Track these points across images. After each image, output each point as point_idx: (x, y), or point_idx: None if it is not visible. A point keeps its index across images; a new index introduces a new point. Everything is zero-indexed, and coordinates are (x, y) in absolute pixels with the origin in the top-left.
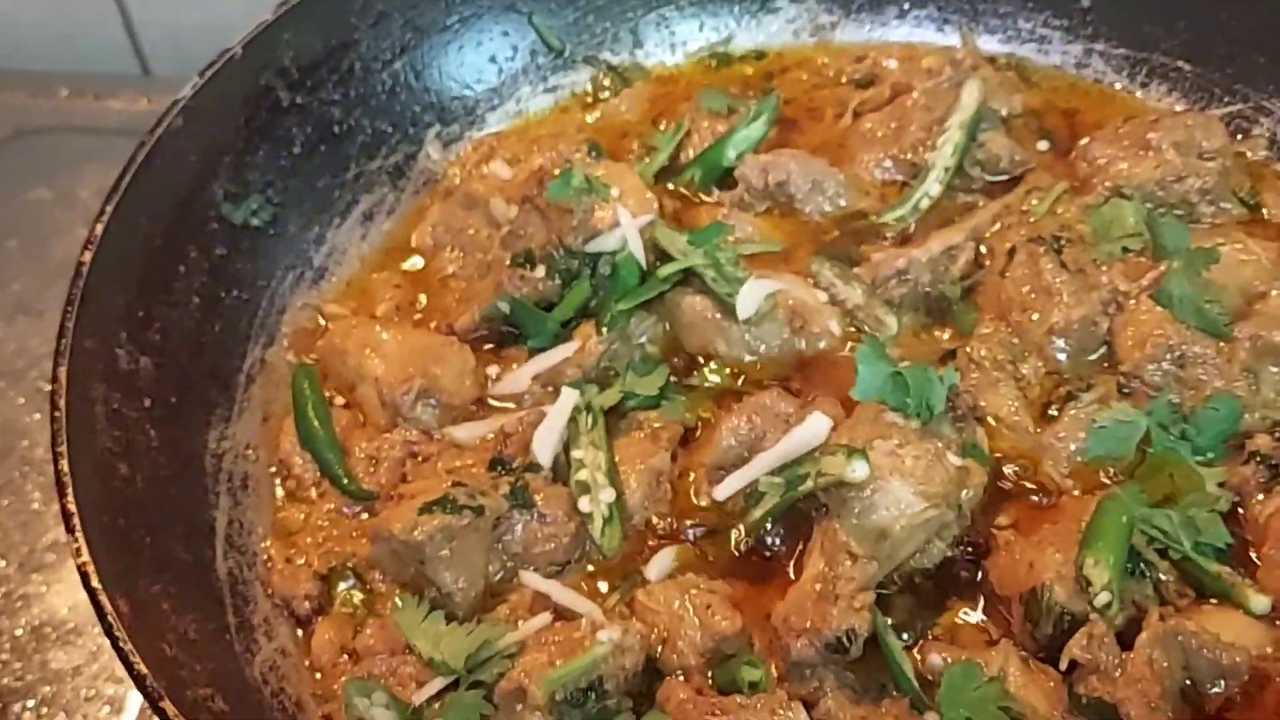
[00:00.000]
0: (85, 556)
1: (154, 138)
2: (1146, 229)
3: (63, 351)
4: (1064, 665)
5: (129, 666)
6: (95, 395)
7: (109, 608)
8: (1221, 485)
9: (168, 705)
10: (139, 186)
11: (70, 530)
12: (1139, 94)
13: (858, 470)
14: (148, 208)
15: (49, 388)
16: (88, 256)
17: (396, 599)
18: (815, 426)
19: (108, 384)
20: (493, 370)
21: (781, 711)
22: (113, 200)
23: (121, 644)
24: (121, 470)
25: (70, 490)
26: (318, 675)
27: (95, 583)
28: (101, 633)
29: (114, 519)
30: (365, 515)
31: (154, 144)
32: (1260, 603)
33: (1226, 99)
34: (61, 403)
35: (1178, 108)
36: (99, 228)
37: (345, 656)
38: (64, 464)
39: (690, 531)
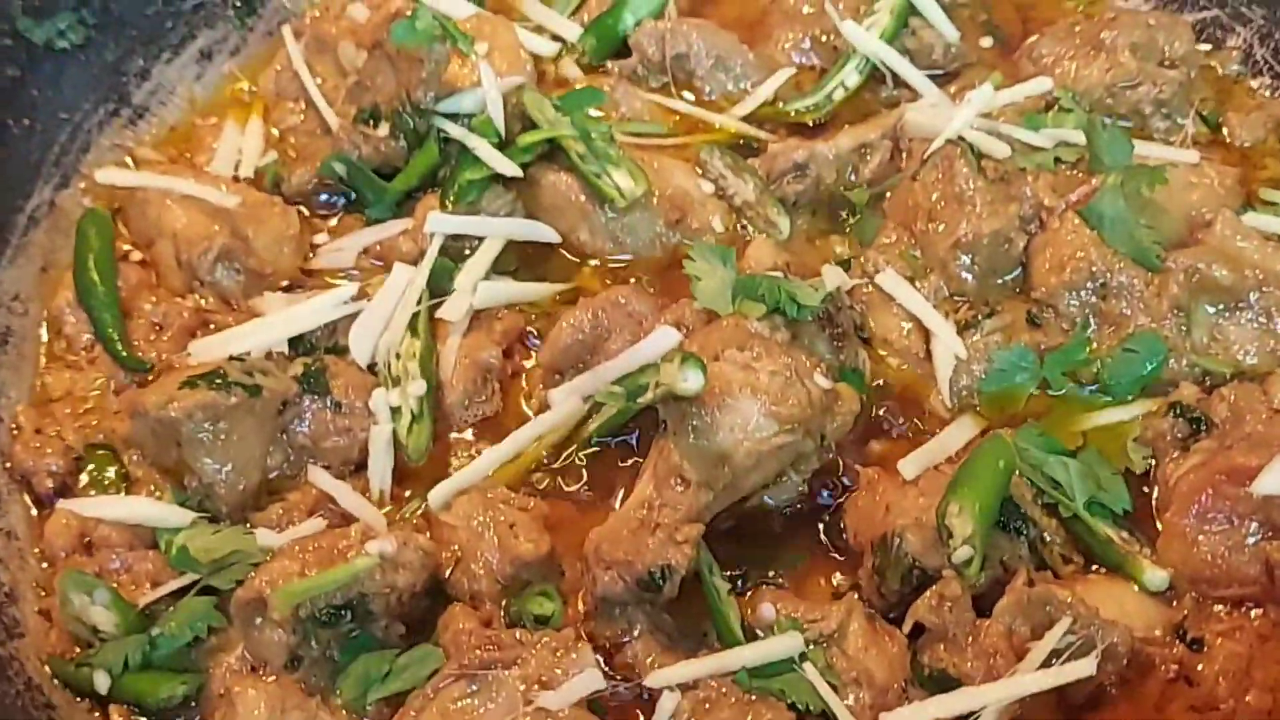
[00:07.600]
0: None
1: None
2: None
3: None
4: (907, 629)
5: None
6: None
7: None
8: (1136, 440)
9: None
10: None
11: None
12: None
13: (690, 381)
14: None
15: None
16: None
17: (151, 488)
18: (663, 338)
19: None
20: (321, 239)
21: (563, 653)
22: None
23: None
24: None
25: None
26: (44, 565)
27: None
28: None
29: None
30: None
31: None
32: (1155, 577)
33: (1202, 2)
34: None
35: (1145, 7)
36: None
37: (81, 549)
38: None
39: None
